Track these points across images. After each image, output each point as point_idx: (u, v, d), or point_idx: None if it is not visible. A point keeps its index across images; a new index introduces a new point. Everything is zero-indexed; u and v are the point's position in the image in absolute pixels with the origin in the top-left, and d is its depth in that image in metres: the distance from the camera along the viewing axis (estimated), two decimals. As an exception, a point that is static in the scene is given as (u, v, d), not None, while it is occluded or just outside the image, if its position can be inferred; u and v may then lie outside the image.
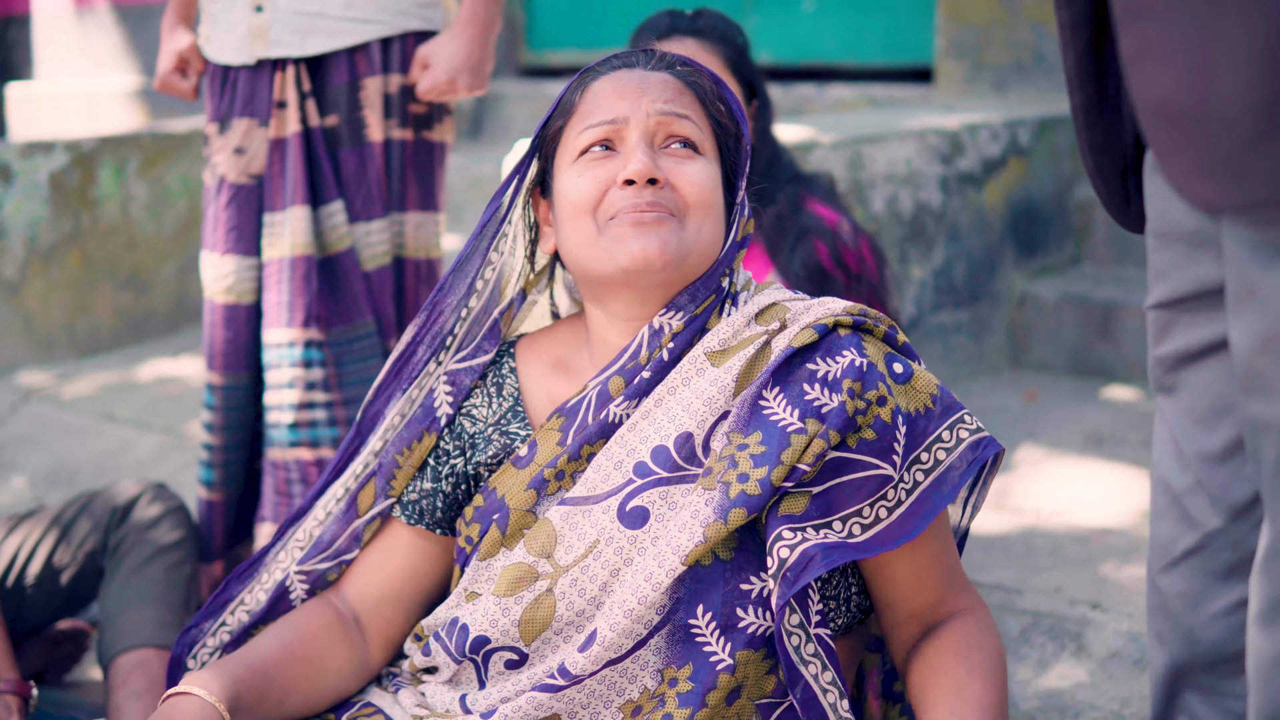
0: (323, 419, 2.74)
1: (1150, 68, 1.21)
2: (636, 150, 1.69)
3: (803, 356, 1.65)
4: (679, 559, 1.57)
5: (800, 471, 1.58)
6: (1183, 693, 1.65)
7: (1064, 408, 3.75)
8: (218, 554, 2.89)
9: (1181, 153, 1.20)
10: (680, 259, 1.68)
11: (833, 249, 2.65)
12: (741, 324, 1.70)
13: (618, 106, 1.71)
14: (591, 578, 1.64)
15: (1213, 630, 1.61)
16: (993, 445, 1.67)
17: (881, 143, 3.85)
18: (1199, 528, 1.61)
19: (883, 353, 1.67)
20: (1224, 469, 1.56)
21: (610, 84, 1.74)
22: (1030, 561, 2.87)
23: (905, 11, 5.42)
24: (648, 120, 1.71)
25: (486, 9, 2.71)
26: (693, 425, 1.65)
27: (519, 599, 1.66)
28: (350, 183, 2.75)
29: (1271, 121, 1.12)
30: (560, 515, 1.68)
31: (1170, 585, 1.64)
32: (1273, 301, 1.20)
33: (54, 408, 4.42)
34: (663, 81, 1.74)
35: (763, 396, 1.63)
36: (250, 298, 2.79)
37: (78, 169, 4.90)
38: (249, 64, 2.75)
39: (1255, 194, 1.16)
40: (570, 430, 1.73)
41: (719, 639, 1.60)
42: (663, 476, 1.65)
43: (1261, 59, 1.11)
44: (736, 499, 1.57)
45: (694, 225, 1.69)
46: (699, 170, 1.71)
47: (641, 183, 1.67)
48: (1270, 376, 1.22)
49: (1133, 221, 1.58)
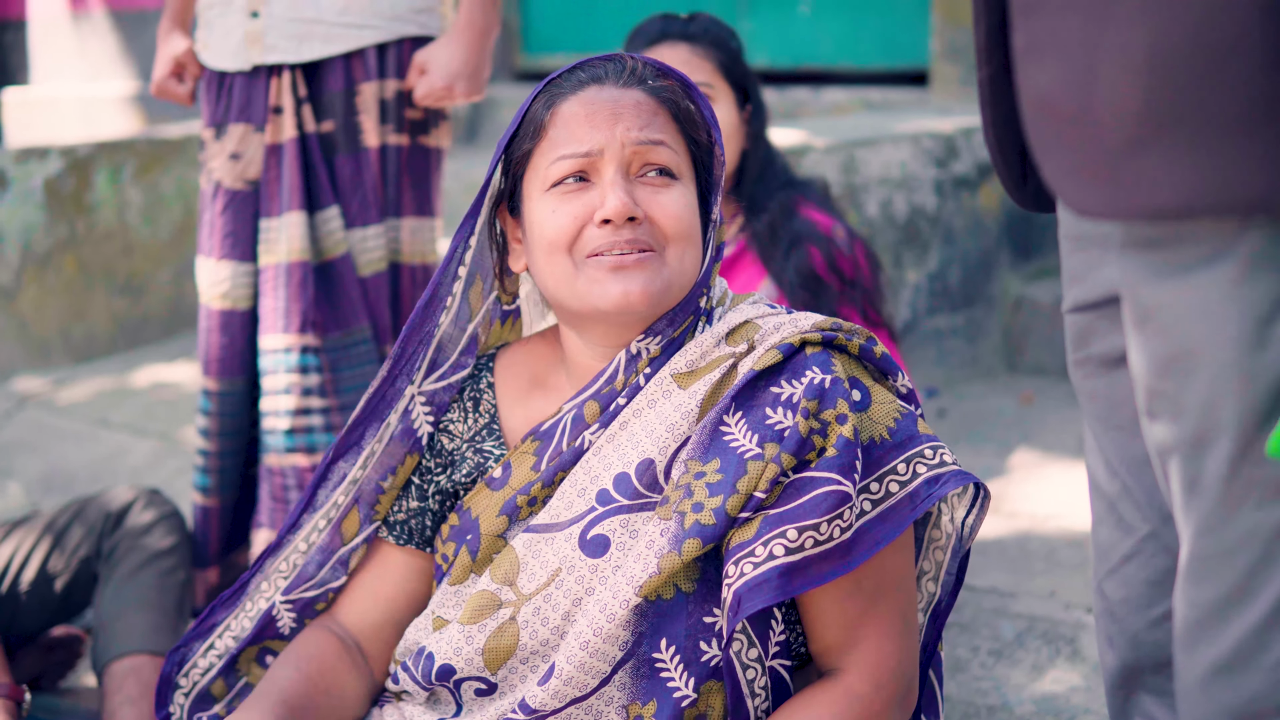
0: (319, 425, 2.73)
1: (1037, 64, 1.20)
2: (613, 186, 1.62)
3: (767, 379, 1.60)
4: (633, 590, 1.54)
5: (757, 499, 1.53)
6: (1136, 694, 1.65)
7: (1060, 411, 3.75)
8: (213, 560, 2.89)
9: (1059, 153, 1.19)
10: (662, 295, 1.63)
11: (827, 255, 2.63)
12: (710, 344, 1.65)
13: (591, 136, 1.63)
14: (554, 606, 1.61)
15: (1156, 634, 1.60)
16: (955, 480, 1.58)
17: (876, 146, 3.86)
18: (1133, 533, 1.60)
19: (849, 373, 1.61)
20: (1151, 474, 1.55)
21: (582, 107, 1.65)
22: (1025, 565, 2.87)
23: (900, 15, 5.42)
24: (623, 151, 1.63)
25: (484, 15, 2.70)
26: (654, 451, 1.61)
27: (482, 627, 1.64)
28: (346, 188, 2.75)
29: (1147, 129, 1.11)
30: (524, 542, 1.65)
31: (1113, 591, 1.63)
32: (1169, 323, 1.19)
33: (49, 413, 4.41)
34: (636, 104, 1.65)
35: (724, 422, 1.58)
36: (246, 303, 2.79)
37: (73, 174, 4.90)
38: (245, 70, 2.75)
39: (1128, 201, 1.15)
40: (545, 454, 1.69)
41: (681, 672, 1.57)
42: (623, 504, 1.61)
43: (1143, 66, 1.10)
44: (691, 529, 1.53)
45: (674, 257, 1.64)
46: (676, 199, 1.65)
47: (620, 223, 1.61)
48: (1171, 399, 1.21)
49: (1029, 200, 1.56)
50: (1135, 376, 1.26)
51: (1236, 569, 1.22)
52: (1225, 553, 1.22)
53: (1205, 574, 1.24)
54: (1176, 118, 1.10)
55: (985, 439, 3.57)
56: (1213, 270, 1.15)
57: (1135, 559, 1.61)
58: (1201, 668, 1.26)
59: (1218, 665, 1.24)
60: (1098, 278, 1.54)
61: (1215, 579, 1.23)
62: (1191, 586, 1.26)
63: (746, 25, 5.68)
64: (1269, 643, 1.21)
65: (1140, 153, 1.12)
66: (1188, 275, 1.16)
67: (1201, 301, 1.16)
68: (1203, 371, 1.18)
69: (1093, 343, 1.58)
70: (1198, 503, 1.22)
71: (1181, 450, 1.22)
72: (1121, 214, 1.18)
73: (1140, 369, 1.24)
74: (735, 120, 2.72)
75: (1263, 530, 1.20)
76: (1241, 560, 1.21)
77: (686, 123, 1.69)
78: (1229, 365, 1.16)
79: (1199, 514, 1.23)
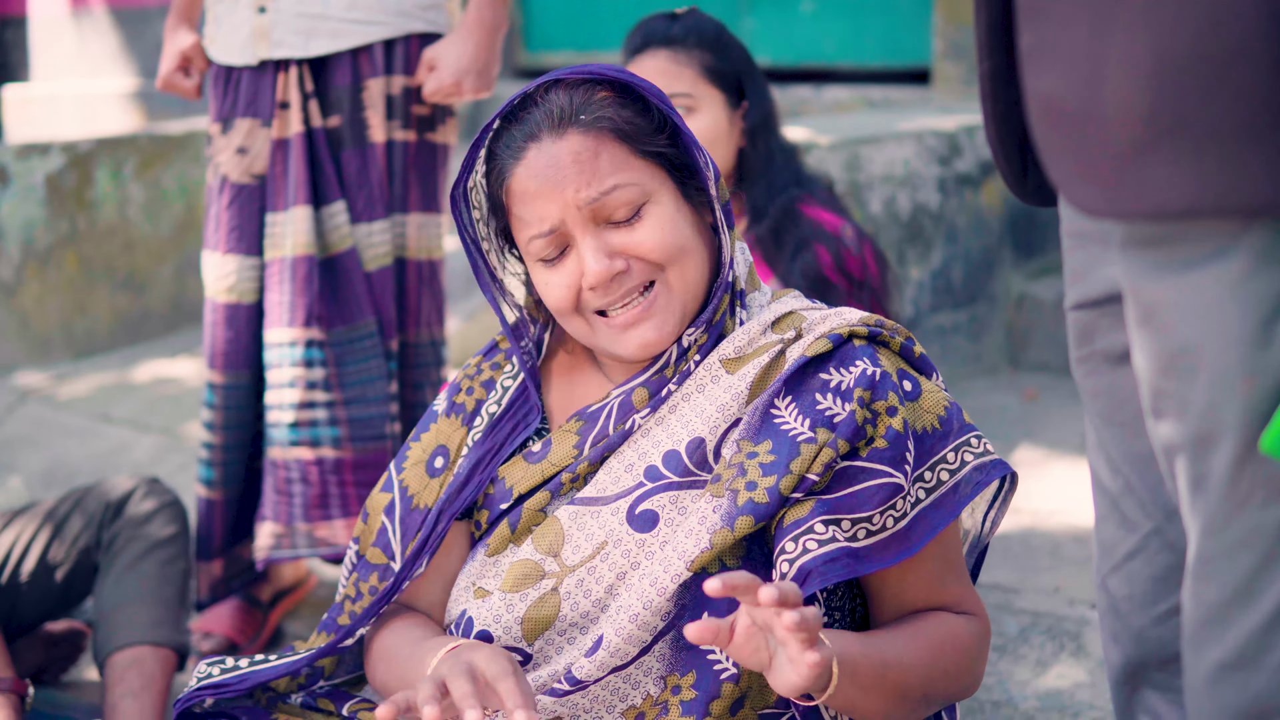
0: (323, 419, 2.74)
1: (1043, 66, 1.20)
2: (587, 250, 1.62)
3: (816, 366, 1.63)
4: (685, 565, 1.56)
5: (810, 481, 1.57)
6: (1141, 690, 1.65)
7: (1063, 408, 3.75)
8: (217, 552, 2.89)
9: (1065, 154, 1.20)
10: (680, 324, 1.66)
11: (836, 255, 2.59)
12: (757, 332, 1.68)
13: (547, 210, 1.62)
14: (598, 579, 1.63)
15: (1160, 630, 1.60)
16: (999, 468, 1.66)
17: (879, 144, 3.86)
18: (1137, 530, 1.60)
19: (896, 366, 1.65)
20: (1154, 471, 1.55)
21: (530, 181, 1.62)
22: (1029, 561, 2.87)
23: (902, 13, 5.42)
24: (579, 214, 1.61)
25: (494, 12, 2.71)
26: (705, 431, 1.63)
27: (524, 596, 1.65)
28: (352, 183, 2.75)
29: (1153, 132, 1.11)
30: (569, 515, 1.67)
31: (1117, 588, 1.64)
32: (1172, 321, 1.18)
33: (51, 409, 4.41)
34: (575, 157, 1.61)
35: (775, 405, 1.61)
36: (251, 297, 2.79)
37: (74, 171, 4.90)
38: (252, 65, 2.75)
39: (1131, 204, 1.15)
40: (589, 435, 1.70)
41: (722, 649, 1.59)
42: (673, 481, 1.63)
43: (1149, 70, 1.10)
44: (744, 507, 1.56)
45: (676, 278, 1.65)
46: (653, 226, 1.63)
47: (605, 284, 1.63)
48: (1175, 397, 1.21)
49: (1030, 194, 1.57)
50: (1139, 375, 1.26)
51: (1242, 568, 1.21)
52: (1230, 551, 1.22)
53: (1211, 573, 1.24)
54: (1181, 121, 1.10)
55: (989, 436, 3.55)
56: (1215, 268, 1.15)
57: (1139, 556, 1.62)
58: (1208, 666, 1.26)
59: (1224, 664, 1.24)
60: (1100, 275, 1.54)
61: (1221, 578, 1.23)
62: (1198, 585, 1.26)
63: (748, 23, 5.68)
64: (1275, 642, 1.21)
65: (1145, 155, 1.12)
66: (1190, 273, 1.16)
67: (1204, 299, 1.16)
68: (1206, 370, 1.17)
69: (1095, 340, 1.58)
70: (1203, 501, 1.22)
71: (1186, 449, 1.22)
72: (1126, 215, 1.18)
73: (1144, 368, 1.24)
74: (725, 123, 2.65)
75: (1267, 529, 1.19)
76: (1247, 559, 1.21)
77: (635, 137, 1.63)
78: (1233, 363, 1.16)
79: (1204, 513, 1.23)
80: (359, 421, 2.75)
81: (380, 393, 2.76)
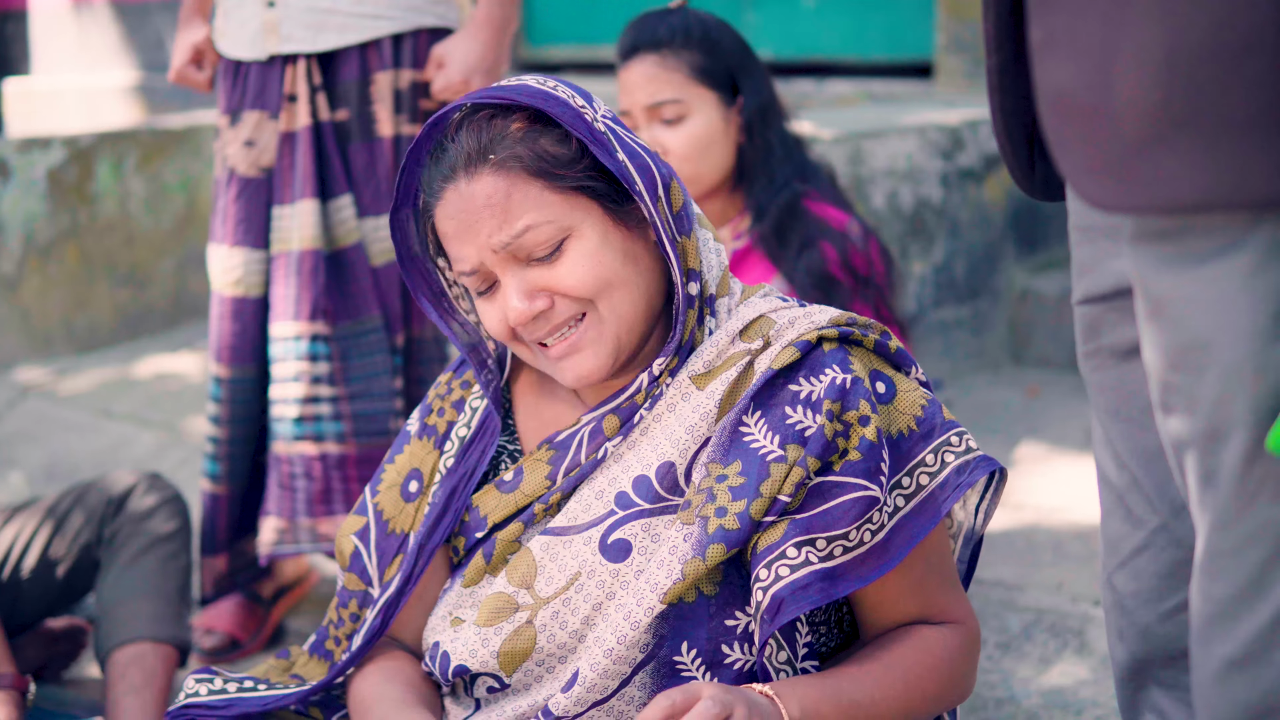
0: (327, 413, 2.73)
1: (1054, 59, 1.19)
2: (508, 291, 1.59)
3: (785, 377, 1.57)
4: (658, 597, 1.53)
5: (781, 503, 1.53)
6: (1147, 687, 1.65)
7: (1066, 404, 3.74)
8: (222, 547, 2.89)
9: (1076, 148, 1.19)
10: (615, 353, 1.61)
11: (842, 252, 2.55)
12: (725, 342, 1.62)
13: (466, 253, 1.59)
14: (573, 610, 1.60)
15: (1167, 626, 1.60)
16: (983, 467, 1.59)
17: (882, 138, 3.85)
18: (1143, 525, 1.59)
19: (869, 368, 1.60)
20: (1161, 466, 1.54)
21: (448, 223, 1.60)
22: (1032, 558, 2.87)
23: (905, 7, 5.41)
24: (495, 256, 1.57)
25: (503, 9, 2.70)
26: (674, 454, 1.59)
27: (498, 630, 1.62)
28: (359, 177, 2.75)
29: (1164, 126, 1.11)
30: (540, 545, 1.64)
31: (1123, 584, 1.63)
32: (1182, 316, 1.18)
33: (52, 404, 4.41)
34: (487, 199, 1.56)
35: (743, 422, 1.56)
36: (258, 291, 2.79)
37: (75, 165, 4.89)
38: (261, 59, 2.75)
39: (1143, 198, 1.15)
40: (561, 465, 1.67)
41: (704, 674, 1.56)
42: (644, 508, 1.59)
43: (1160, 64, 1.10)
44: (715, 534, 1.52)
45: (606, 309, 1.59)
46: (573, 262, 1.57)
47: (528, 322, 1.59)
48: (1185, 392, 1.20)
49: (1037, 189, 1.56)
50: (1148, 370, 1.25)
51: (1250, 564, 1.21)
52: (1239, 547, 1.21)
53: (1220, 569, 1.23)
54: (1193, 114, 1.10)
55: (991, 431, 3.56)
56: (1226, 261, 1.15)
57: (1145, 552, 1.61)
58: (1216, 663, 1.25)
59: (1232, 660, 1.24)
60: (1107, 269, 1.53)
61: (1229, 574, 1.23)
62: (1206, 581, 1.25)
63: (751, 17, 5.67)
64: None
65: (1157, 148, 1.12)
66: (1201, 267, 1.16)
67: (1214, 293, 1.16)
68: (1216, 364, 1.17)
69: (1102, 335, 1.58)
70: (1212, 497, 1.22)
71: (1196, 444, 1.22)
72: (1137, 208, 1.18)
73: (1153, 362, 1.24)
74: (720, 122, 2.61)
75: (1277, 525, 1.19)
76: (1256, 555, 1.21)
77: (549, 173, 1.57)
78: (1243, 358, 1.15)
79: (1214, 508, 1.22)
80: (363, 417, 2.74)
81: (385, 388, 2.76)
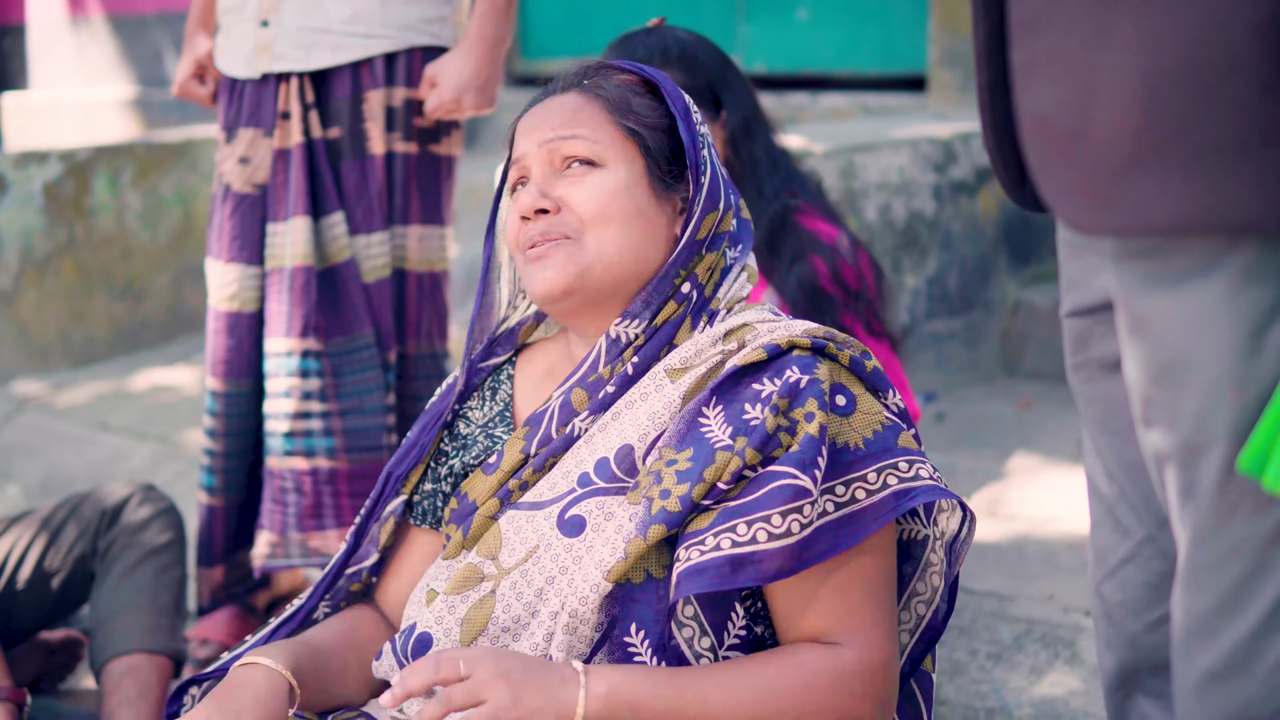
0: (318, 429, 2.74)
1: (1036, 82, 1.21)
2: (531, 185, 1.72)
3: (750, 375, 1.61)
4: (601, 575, 1.56)
5: (720, 490, 1.55)
6: (1135, 696, 1.66)
7: (1058, 416, 3.75)
8: (218, 559, 2.90)
9: (1056, 170, 1.21)
10: (580, 279, 1.67)
11: (832, 266, 2.56)
12: (706, 343, 1.67)
13: (521, 145, 1.75)
14: (529, 582, 1.63)
15: (1154, 636, 1.61)
16: (925, 495, 1.57)
17: (874, 152, 3.86)
18: (1130, 536, 1.61)
19: (834, 380, 1.61)
20: (1148, 478, 1.55)
21: (523, 122, 1.77)
22: (1023, 569, 2.88)
23: (898, 21, 5.44)
24: (540, 151, 1.72)
25: (496, 27, 2.71)
26: (634, 438, 1.64)
27: (465, 598, 1.66)
28: (351, 195, 2.76)
29: (1142, 150, 1.12)
30: (507, 519, 1.69)
31: (1111, 594, 1.64)
32: (1162, 332, 1.19)
33: (48, 417, 4.42)
34: (561, 105, 1.75)
35: (703, 413, 1.60)
36: (253, 306, 2.81)
37: (72, 179, 4.91)
38: (255, 77, 2.77)
39: (1121, 221, 1.16)
40: (534, 440, 1.72)
41: (651, 657, 1.58)
42: (600, 487, 1.63)
43: (1139, 88, 1.11)
44: (657, 515, 1.55)
45: (593, 239, 1.68)
46: (594, 184, 1.70)
47: (531, 216, 1.70)
48: (1165, 407, 1.22)
49: (1028, 201, 1.57)
50: (1130, 384, 1.27)
51: (1230, 577, 1.22)
52: (1219, 561, 1.23)
53: (1200, 582, 1.25)
54: (1171, 139, 1.11)
55: (984, 443, 3.58)
56: (1205, 280, 1.16)
57: (1132, 562, 1.62)
58: (1197, 674, 1.26)
59: (1212, 672, 1.25)
60: (1095, 282, 1.55)
61: (1209, 587, 1.24)
62: (1187, 594, 1.26)
63: (744, 31, 5.70)
64: (1262, 650, 1.22)
65: (1135, 173, 1.13)
66: (1180, 285, 1.17)
67: (1194, 311, 1.17)
68: (1196, 380, 1.18)
69: (1091, 347, 1.59)
70: (1192, 510, 1.23)
71: (1176, 458, 1.23)
72: (1115, 231, 1.19)
73: (1134, 377, 1.25)
74: None
75: (1255, 538, 1.20)
76: (1235, 568, 1.22)
77: (621, 110, 1.73)
78: (1222, 374, 1.17)
79: (1193, 522, 1.24)
80: (354, 432, 2.75)
81: (377, 404, 2.77)
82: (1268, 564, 1.20)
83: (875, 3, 5.51)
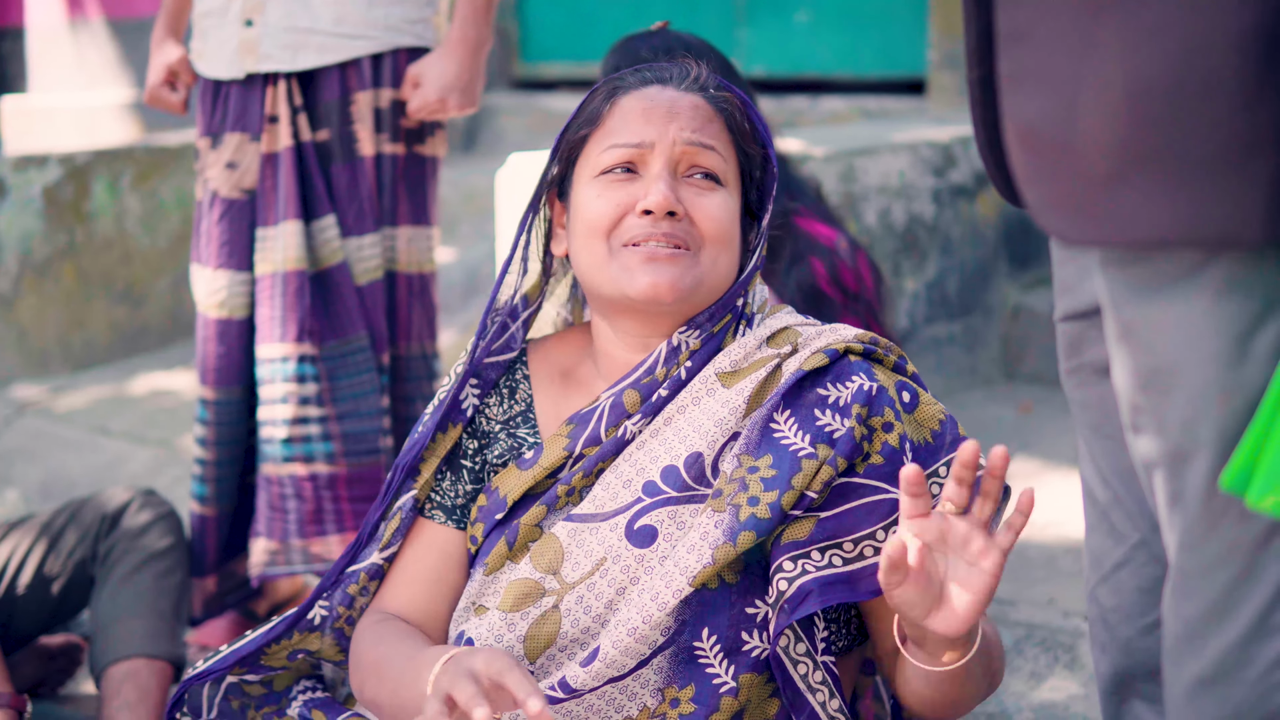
0: (316, 434, 2.74)
1: (1022, 93, 1.21)
2: (658, 179, 1.67)
3: (813, 380, 1.64)
4: (686, 580, 1.56)
5: (809, 499, 1.58)
6: (1130, 700, 1.66)
7: (1058, 420, 3.75)
8: (211, 568, 2.89)
9: (1041, 181, 1.21)
10: (690, 293, 1.67)
11: (831, 269, 2.57)
12: (754, 346, 1.70)
13: (645, 130, 1.69)
14: (598, 595, 1.63)
15: (1148, 640, 1.62)
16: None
17: (874, 155, 3.86)
18: (1125, 541, 1.62)
19: (893, 380, 1.66)
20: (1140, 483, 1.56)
21: (640, 102, 1.70)
22: (1024, 573, 2.88)
23: (898, 25, 5.44)
24: (673, 148, 1.68)
25: (477, 29, 2.72)
26: (703, 445, 1.64)
27: (525, 614, 1.65)
28: (342, 197, 2.75)
29: (1125, 162, 1.12)
30: (567, 531, 1.67)
31: (1106, 598, 1.65)
32: (1149, 339, 1.20)
33: (48, 421, 4.41)
34: (693, 106, 1.71)
35: (774, 419, 1.62)
36: (243, 313, 2.80)
37: (72, 182, 4.91)
38: (240, 79, 2.76)
39: (1103, 232, 1.17)
40: (580, 438, 1.70)
41: (722, 662, 1.59)
42: (671, 496, 1.64)
43: (1123, 100, 1.12)
44: (746, 522, 1.56)
45: (709, 259, 1.68)
46: (719, 204, 1.69)
47: (660, 214, 1.65)
48: (1153, 414, 1.22)
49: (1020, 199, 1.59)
50: (1118, 391, 1.27)
51: (1218, 583, 1.23)
52: (1207, 568, 1.23)
53: (1189, 589, 1.25)
54: (1154, 152, 1.12)
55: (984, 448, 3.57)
56: (1190, 288, 1.16)
57: (1126, 566, 1.63)
58: (1187, 681, 1.27)
59: (1202, 679, 1.25)
60: (1088, 287, 1.56)
61: (1198, 593, 1.24)
62: (1177, 600, 1.27)
63: (744, 34, 5.70)
64: (1251, 656, 1.22)
65: (1118, 185, 1.14)
66: (1165, 293, 1.18)
67: (1180, 318, 1.18)
68: (1182, 387, 1.19)
69: (1084, 351, 1.60)
70: (1180, 517, 1.24)
71: (1164, 464, 1.23)
72: (1099, 242, 1.20)
73: (1122, 384, 1.26)
74: None
75: (1243, 545, 1.21)
76: (1223, 575, 1.22)
77: (739, 134, 1.74)
78: (1208, 381, 1.17)
79: (1181, 528, 1.24)
80: (352, 436, 2.75)
81: (373, 407, 2.76)
82: (1255, 570, 1.21)
83: (875, 6, 5.51)
